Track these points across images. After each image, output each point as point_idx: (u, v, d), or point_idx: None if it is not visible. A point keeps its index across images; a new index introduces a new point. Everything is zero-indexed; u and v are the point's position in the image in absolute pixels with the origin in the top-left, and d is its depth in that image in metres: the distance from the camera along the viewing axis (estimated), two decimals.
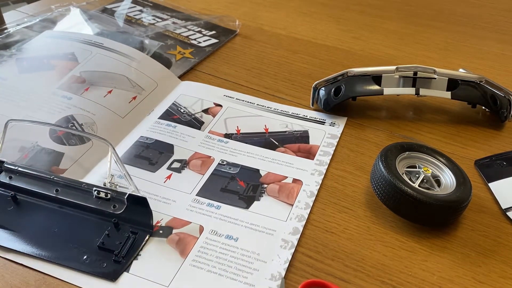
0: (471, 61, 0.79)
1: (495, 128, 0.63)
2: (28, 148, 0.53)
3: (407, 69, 0.61)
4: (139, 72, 0.67)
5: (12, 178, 0.49)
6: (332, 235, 0.47)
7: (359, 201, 0.51)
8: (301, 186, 0.52)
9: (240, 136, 0.59)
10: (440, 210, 0.46)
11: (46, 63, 0.67)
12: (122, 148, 0.56)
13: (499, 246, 0.47)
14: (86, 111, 0.59)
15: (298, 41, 0.82)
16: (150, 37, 0.78)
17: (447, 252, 0.46)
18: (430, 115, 0.65)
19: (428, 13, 0.94)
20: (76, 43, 0.70)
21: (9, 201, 0.48)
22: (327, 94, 0.62)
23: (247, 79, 0.71)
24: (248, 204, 0.50)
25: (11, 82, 0.63)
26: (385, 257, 0.45)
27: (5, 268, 0.42)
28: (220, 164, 0.55)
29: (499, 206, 0.51)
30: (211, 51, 0.77)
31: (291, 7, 0.94)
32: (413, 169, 0.50)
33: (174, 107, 0.63)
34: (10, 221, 0.46)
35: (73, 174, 0.51)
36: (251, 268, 0.43)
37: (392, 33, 0.86)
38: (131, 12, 0.88)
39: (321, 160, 0.56)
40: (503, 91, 0.61)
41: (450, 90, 0.61)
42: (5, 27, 0.77)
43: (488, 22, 0.92)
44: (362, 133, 0.61)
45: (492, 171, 0.55)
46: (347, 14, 0.92)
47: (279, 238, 0.46)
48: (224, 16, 0.87)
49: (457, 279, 0.43)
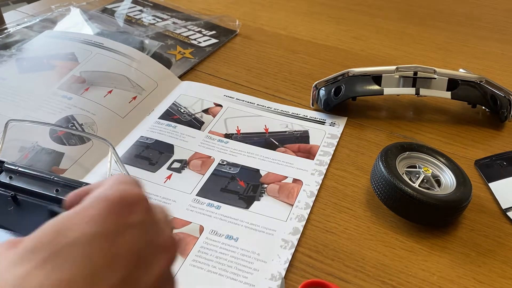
0: (471, 61, 0.79)
1: (495, 128, 0.63)
2: (28, 148, 0.53)
3: (407, 69, 0.61)
4: (139, 72, 0.67)
5: (12, 178, 0.49)
6: (332, 235, 0.47)
7: (359, 201, 0.51)
8: (301, 186, 0.52)
9: (240, 136, 0.59)
10: (440, 210, 0.46)
11: (46, 63, 0.67)
12: (122, 148, 0.56)
13: (499, 246, 0.47)
14: (86, 111, 0.59)
15: (298, 41, 0.82)
16: (150, 37, 0.78)
17: (447, 252, 0.46)
18: (430, 115, 0.65)
19: (428, 13, 0.94)
20: (76, 43, 0.70)
21: (9, 201, 0.47)
22: (327, 94, 0.62)
23: (247, 79, 0.71)
24: (248, 204, 0.50)
25: (11, 82, 0.63)
26: (385, 257, 0.45)
27: None
28: (220, 164, 0.55)
29: (499, 206, 0.51)
30: (211, 51, 0.77)
31: (291, 7, 0.94)
32: (413, 169, 0.50)
33: (174, 107, 0.63)
34: (10, 221, 0.46)
35: (73, 174, 0.51)
36: (251, 268, 0.43)
37: (392, 33, 0.86)
38: (131, 12, 0.88)
39: (321, 160, 0.56)
40: (503, 91, 0.61)
41: (450, 90, 0.61)
42: (5, 27, 0.77)
43: (488, 22, 0.92)
44: (362, 133, 0.61)
45: (492, 171, 0.55)
46: (347, 14, 0.92)
47: (279, 238, 0.46)
48: (224, 16, 0.87)
49: (457, 279, 0.43)
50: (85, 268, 0.20)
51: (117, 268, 0.21)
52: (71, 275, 0.20)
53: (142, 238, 0.23)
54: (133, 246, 0.23)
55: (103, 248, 0.21)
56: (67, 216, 0.23)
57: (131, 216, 0.23)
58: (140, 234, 0.23)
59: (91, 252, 0.21)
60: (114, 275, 0.21)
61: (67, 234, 0.21)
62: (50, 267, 0.20)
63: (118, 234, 0.22)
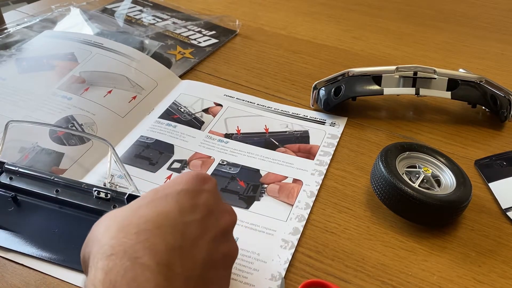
0: (471, 61, 0.79)
1: (495, 128, 0.63)
2: (28, 149, 0.53)
3: (407, 69, 0.61)
4: (138, 71, 0.67)
5: (13, 179, 0.49)
6: (332, 235, 0.47)
7: (359, 201, 0.51)
8: (301, 186, 0.52)
9: (240, 136, 0.59)
10: (440, 210, 0.46)
11: (46, 63, 0.67)
12: (122, 148, 0.56)
13: (499, 246, 0.47)
14: (86, 111, 0.59)
15: (298, 41, 0.82)
16: (150, 37, 0.78)
17: (447, 252, 0.46)
18: (430, 115, 0.65)
19: (428, 13, 0.94)
20: (76, 43, 0.70)
21: (9, 201, 0.48)
22: (327, 94, 0.62)
23: (247, 79, 0.71)
24: (248, 204, 0.50)
25: (11, 82, 0.63)
26: (385, 257, 0.45)
27: (5, 268, 0.42)
28: (220, 164, 0.55)
29: (499, 206, 0.51)
30: (211, 51, 0.77)
31: (291, 7, 0.94)
32: (413, 169, 0.50)
33: (174, 107, 0.63)
34: (11, 221, 0.46)
35: (73, 174, 0.51)
36: (251, 268, 0.43)
37: (392, 33, 0.86)
38: (131, 12, 0.88)
39: (321, 160, 0.56)
40: (503, 91, 0.61)
41: (450, 90, 0.61)
42: (5, 27, 0.77)
43: (488, 22, 0.92)
44: (362, 133, 0.61)
45: (492, 171, 0.55)
46: (347, 14, 0.92)
47: (279, 238, 0.46)
48: (224, 16, 0.87)
49: (457, 279, 0.43)
50: (176, 206, 0.31)
51: (196, 212, 0.32)
52: (166, 209, 0.31)
53: (213, 200, 0.34)
54: (207, 202, 0.33)
55: (188, 198, 0.32)
56: (162, 185, 0.34)
57: (205, 185, 0.34)
58: (212, 197, 0.34)
59: (179, 199, 0.32)
60: (194, 216, 0.31)
61: (163, 190, 0.33)
62: (153, 205, 0.31)
63: (197, 193, 0.33)
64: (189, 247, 0.29)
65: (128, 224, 0.29)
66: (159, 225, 0.29)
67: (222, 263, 0.33)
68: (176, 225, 0.30)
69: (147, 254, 0.27)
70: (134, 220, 0.29)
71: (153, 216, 0.30)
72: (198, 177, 0.34)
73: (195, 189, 0.33)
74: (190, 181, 0.34)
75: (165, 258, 0.27)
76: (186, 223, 0.30)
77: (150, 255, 0.27)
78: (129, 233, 0.28)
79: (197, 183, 0.34)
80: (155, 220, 0.29)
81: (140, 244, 0.27)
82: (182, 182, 0.33)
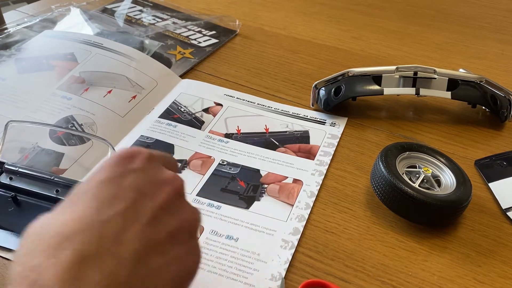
0: (471, 61, 0.79)
1: (495, 128, 0.63)
2: (28, 149, 0.53)
3: (407, 69, 0.61)
4: (138, 71, 0.67)
5: (13, 179, 0.49)
6: (332, 235, 0.47)
7: (359, 201, 0.51)
8: (301, 186, 0.52)
9: (240, 136, 0.59)
10: (440, 210, 0.46)
11: (46, 63, 0.67)
12: (122, 147, 0.56)
13: (499, 246, 0.47)
14: (85, 111, 0.59)
15: (298, 41, 0.82)
16: (150, 37, 0.78)
17: (447, 252, 0.46)
18: (430, 115, 0.65)
19: (428, 13, 0.94)
20: (76, 43, 0.70)
21: (9, 202, 0.48)
22: (327, 94, 0.62)
23: (247, 79, 0.71)
24: (248, 204, 0.50)
25: (11, 83, 0.63)
26: (385, 257, 0.45)
27: (5, 268, 0.42)
28: (221, 164, 0.55)
29: (499, 206, 0.51)
30: (211, 51, 0.77)
31: (291, 7, 0.94)
32: (413, 169, 0.50)
33: (175, 106, 0.63)
34: (11, 221, 0.46)
35: (74, 174, 0.51)
36: (251, 269, 0.43)
37: (392, 33, 0.86)
38: (131, 12, 0.88)
39: (322, 160, 0.56)
40: (503, 91, 0.61)
41: (450, 90, 0.61)
42: (5, 27, 0.77)
43: (488, 22, 0.92)
44: (362, 133, 0.61)
45: (492, 171, 0.55)
46: (347, 14, 0.92)
47: (279, 238, 0.46)
48: (224, 16, 0.87)
49: (457, 279, 0.43)
50: (93, 204, 0.27)
51: (120, 200, 0.28)
52: (81, 212, 0.27)
53: (142, 178, 0.30)
54: (134, 184, 0.29)
55: (109, 188, 0.28)
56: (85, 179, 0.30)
57: (131, 164, 0.30)
58: (140, 176, 0.30)
59: (98, 193, 0.28)
60: (118, 205, 0.28)
61: (82, 186, 0.29)
62: (69, 210, 0.28)
63: (122, 177, 0.29)
64: (109, 246, 0.26)
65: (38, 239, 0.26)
66: (71, 233, 0.26)
67: (176, 238, 0.29)
68: (92, 228, 0.26)
69: (49, 273, 0.24)
70: (45, 234, 0.26)
71: (65, 224, 0.26)
72: (120, 158, 0.30)
73: (117, 174, 0.29)
74: (112, 166, 0.30)
75: (73, 272, 0.24)
76: (103, 222, 0.27)
77: (53, 273, 0.24)
78: (36, 251, 0.25)
79: (120, 165, 0.30)
80: (66, 230, 0.26)
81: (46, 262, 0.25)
82: (102, 171, 0.29)
